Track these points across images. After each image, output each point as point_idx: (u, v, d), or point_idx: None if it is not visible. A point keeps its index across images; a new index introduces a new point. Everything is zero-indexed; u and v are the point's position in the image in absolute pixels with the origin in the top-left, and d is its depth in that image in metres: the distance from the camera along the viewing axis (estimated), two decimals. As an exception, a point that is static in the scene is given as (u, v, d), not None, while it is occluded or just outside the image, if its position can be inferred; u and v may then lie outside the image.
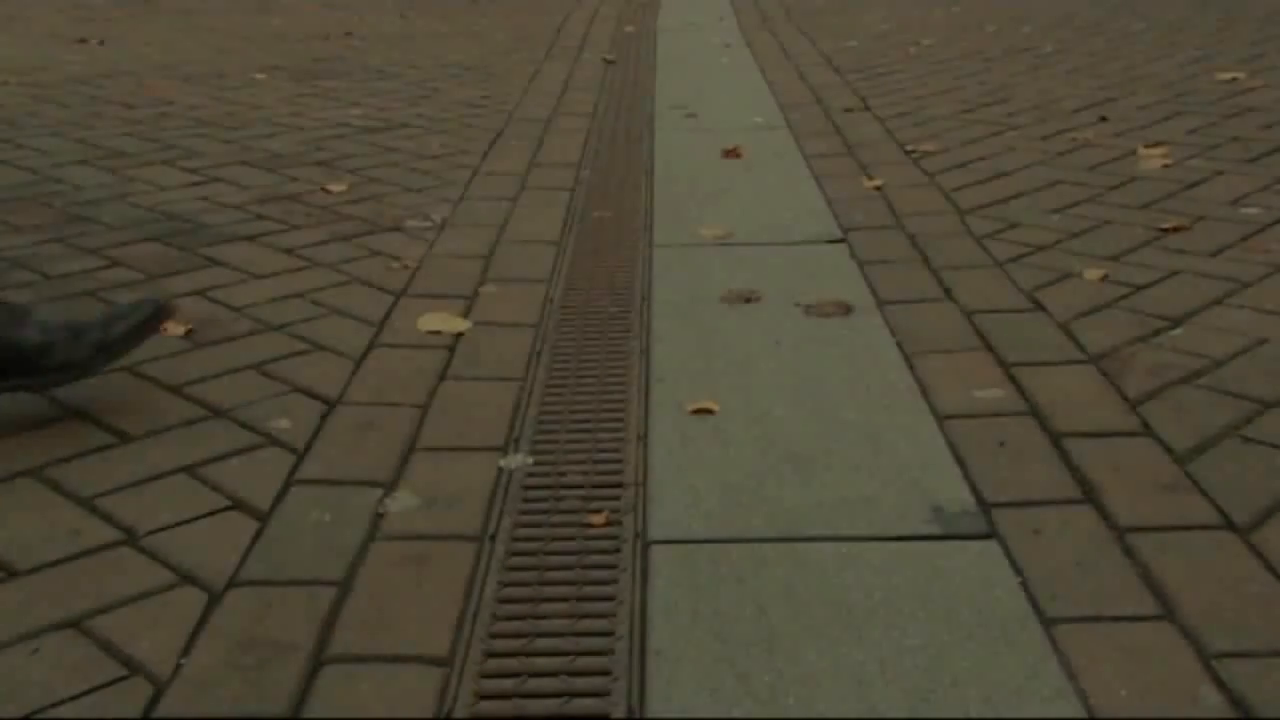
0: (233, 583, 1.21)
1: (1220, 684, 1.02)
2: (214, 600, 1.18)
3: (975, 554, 1.24)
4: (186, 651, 1.10)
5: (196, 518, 1.33)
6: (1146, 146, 2.85)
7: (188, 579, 1.22)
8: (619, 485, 1.40)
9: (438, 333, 1.86)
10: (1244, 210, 2.35)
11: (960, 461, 1.42)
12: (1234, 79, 3.60)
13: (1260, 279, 1.98)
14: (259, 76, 4.12)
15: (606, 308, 1.98)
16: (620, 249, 2.28)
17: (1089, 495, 1.33)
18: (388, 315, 1.94)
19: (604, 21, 5.57)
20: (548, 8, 6.07)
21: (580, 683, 1.06)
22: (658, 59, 4.44)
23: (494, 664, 1.09)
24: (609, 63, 4.39)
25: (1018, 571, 1.20)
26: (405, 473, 1.43)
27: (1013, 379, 1.64)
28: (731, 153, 2.95)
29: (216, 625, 1.14)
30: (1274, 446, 1.43)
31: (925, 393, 1.62)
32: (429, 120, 3.44)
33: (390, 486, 1.40)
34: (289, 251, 2.27)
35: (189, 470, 1.44)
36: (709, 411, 1.58)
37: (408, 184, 2.76)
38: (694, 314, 1.94)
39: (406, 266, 2.18)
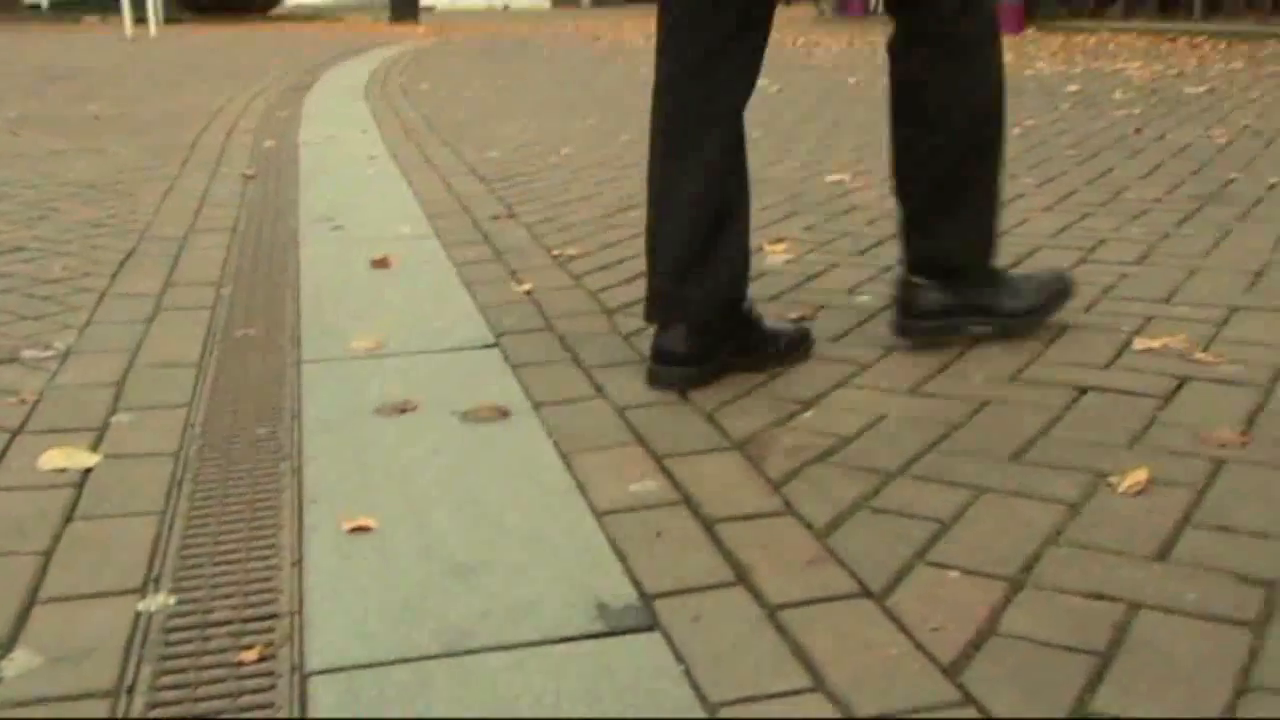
0: None
1: (871, 746, 1.08)
2: None
3: (640, 647, 1.25)
4: None
5: None
6: (771, 243, 3.05)
7: None
8: (273, 616, 1.32)
9: (62, 470, 1.71)
10: (858, 298, 2.55)
11: (621, 556, 1.44)
12: (840, 180, 3.94)
13: (876, 360, 2.15)
14: None
15: (253, 430, 1.89)
16: (267, 367, 2.19)
17: (741, 577, 1.38)
18: (3, 455, 1.77)
19: (242, 135, 5.43)
20: (181, 123, 5.86)
21: (236, 837, 0.98)
22: (301, 172, 4.36)
23: (136, 830, 0.99)
24: (249, 178, 4.27)
25: (680, 660, 1.22)
26: (25, 629, 1.29)
27: (665, 470, 1.69)
28: (380, 263, 2.92)
29: None
30: (899, 514, 1.54)
31: (584, 490, 1.64)
32: (48, 242, 3.21)
33: (7, 646, 1.26)
34: (-118, 392, 2.03)
35: None
36: (367, 529, 1.53)
37: (25, 311, 2.55)
38: (348, 429, 1.89)
39: (24, 401, 2.00)
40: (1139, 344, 2.18)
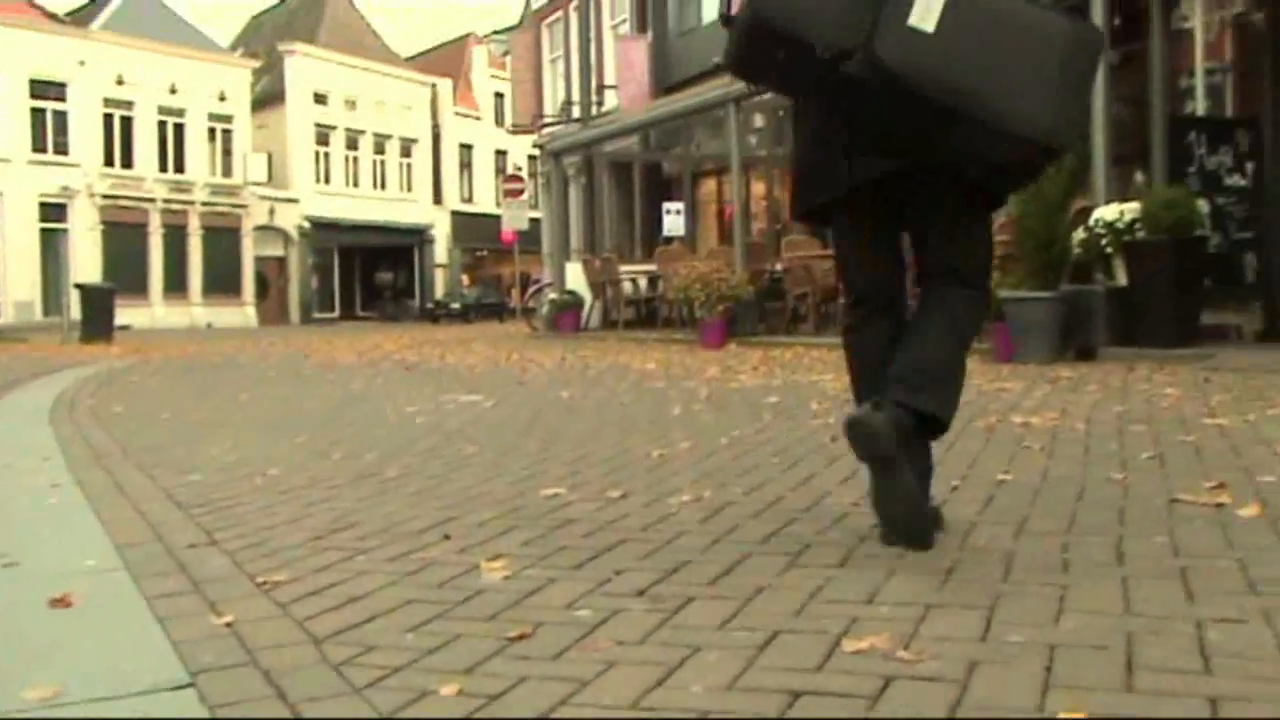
0: None
1: None
2: None
3: None
4: None
5: None
6: (488, 560, 3.02)
7: None
8: None
9: None
10: (577, 613, 2.53)
11: None
12: (557, 494, 3.99)
13: (597, 675, 2.12)
14: None
15: (-106, 804, 1.64)
16: (-84, 727, 1.93)
17: None
18: None
19: (-93, 465, 4.99)
20: None
21: None
22: (-27, 503, 4.02)
23: None
24: (-89, 510, 3.89)
25: None
26: None
27: (378, 814, 1.57)
28: (60, 601, 2.68)
29: None
30: (629, 843, 1.47)
31: (286, 846, 1.49)
32: None
33: None
34: None
35: None
36: None
37: None
38: (11, 795, 1.67)
39: None
40: (847, 645, 2.24)
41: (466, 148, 50.53)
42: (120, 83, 38.35)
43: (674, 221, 21.14)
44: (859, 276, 3.16)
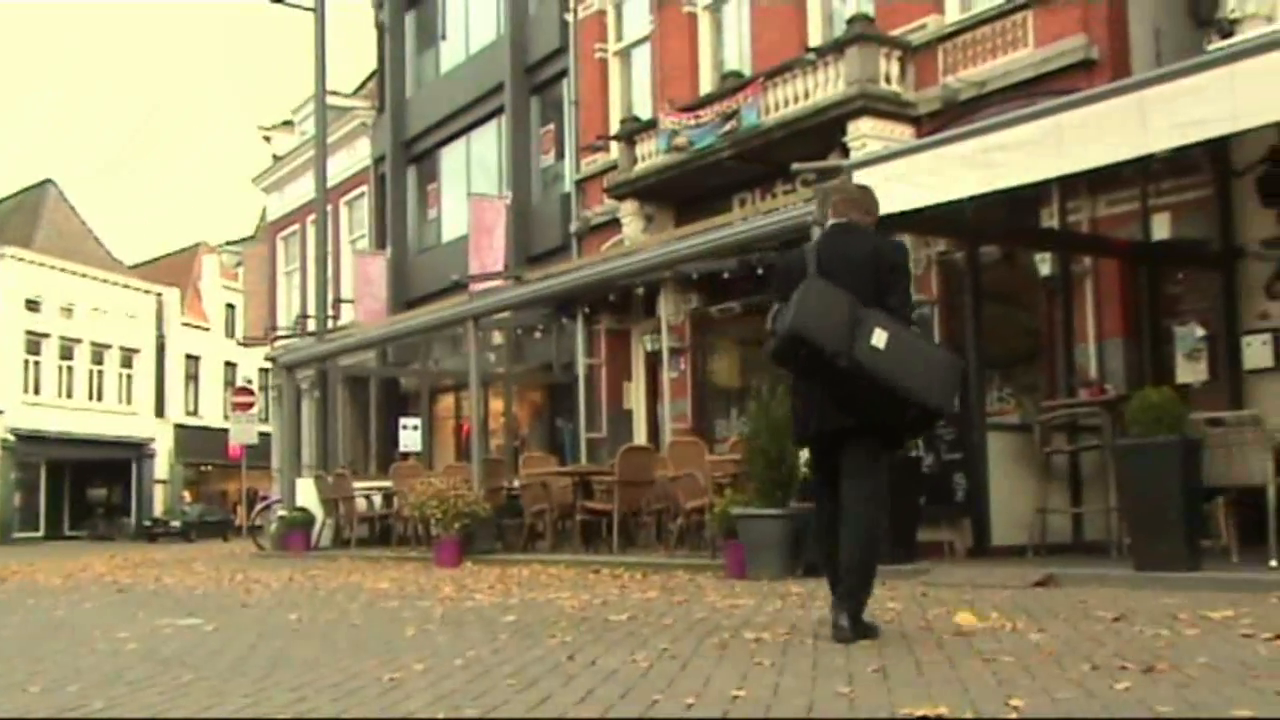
0: None
1: None
2: None
3: None
4: None
5: None
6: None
7: None
8: None
9: None
10: None
11: None
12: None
13: None
14: None
15: None
16: None
17: None
18: None
19: None
20: None
21: None
22: None
23: None
24: None
25: None
26: None
27: None
28: None
29: None
30: None
31: None
32: None
33: None
34: None
35: None
36: None
37: None
38: None
39: None
40: None
41: (194, 359, 48.70)
42: None
43: (410, 437, 20.90)
44: (817, 478, 5.66)
